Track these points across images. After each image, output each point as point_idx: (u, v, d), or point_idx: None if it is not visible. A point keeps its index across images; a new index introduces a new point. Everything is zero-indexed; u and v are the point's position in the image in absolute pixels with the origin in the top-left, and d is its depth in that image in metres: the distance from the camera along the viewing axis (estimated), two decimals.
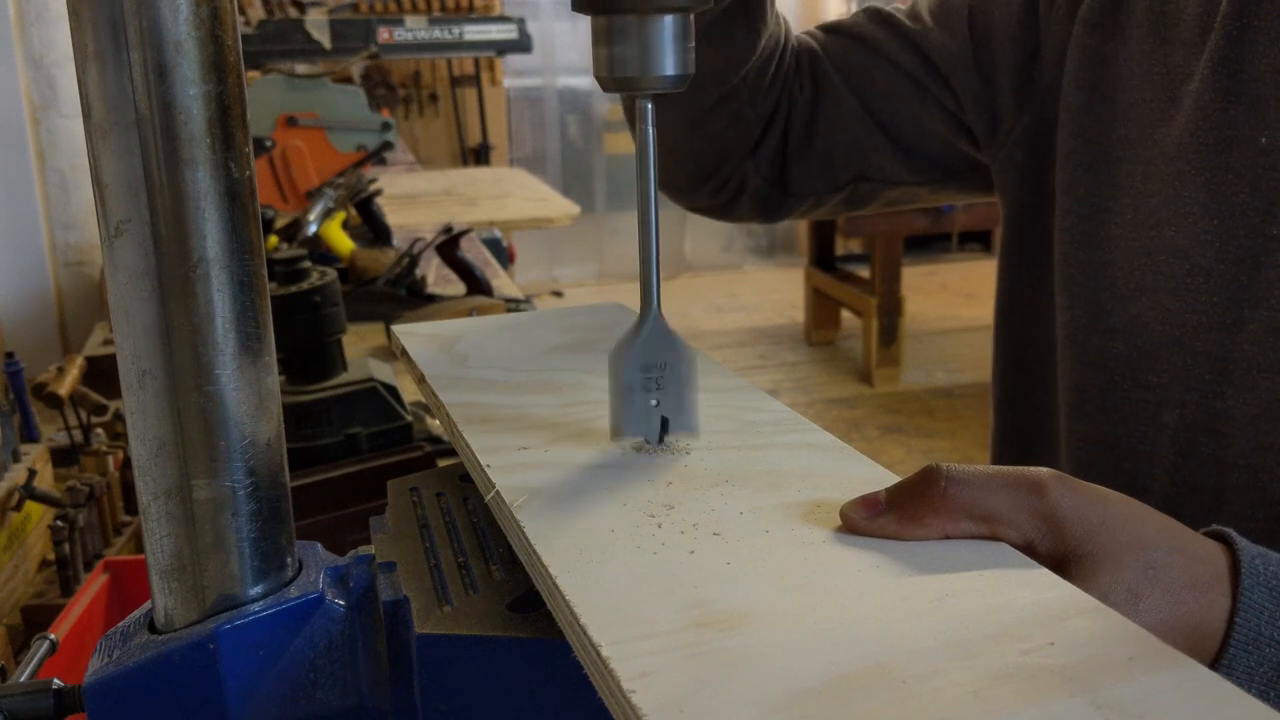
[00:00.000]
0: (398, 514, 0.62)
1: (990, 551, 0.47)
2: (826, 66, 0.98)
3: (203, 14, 0.46)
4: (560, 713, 0.49)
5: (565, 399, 0.66)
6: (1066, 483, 0.49)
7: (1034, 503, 0.48)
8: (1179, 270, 0.77)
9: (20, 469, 1.16)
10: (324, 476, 1.11)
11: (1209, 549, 0.51)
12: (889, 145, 0.97)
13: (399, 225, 2.53)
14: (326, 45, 2.88)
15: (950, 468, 0.49)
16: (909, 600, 0.43)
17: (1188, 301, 0.77)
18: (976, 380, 4.69)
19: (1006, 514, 0.48)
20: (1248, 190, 0.74)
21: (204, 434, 0.49)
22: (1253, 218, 0.74)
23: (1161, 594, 0.48)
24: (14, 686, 0.52)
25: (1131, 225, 0.81)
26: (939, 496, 0.48)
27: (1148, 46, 0.82)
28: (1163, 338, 0.78)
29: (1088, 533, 0.48)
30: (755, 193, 1.01)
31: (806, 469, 0.55)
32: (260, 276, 0.50)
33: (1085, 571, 0.47)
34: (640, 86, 0.54)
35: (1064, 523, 0.48)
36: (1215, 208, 0.76)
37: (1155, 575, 0.48)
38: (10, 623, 1.04)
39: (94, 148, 0.47)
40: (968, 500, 0.48)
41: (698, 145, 0.98)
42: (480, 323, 0.83)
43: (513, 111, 6.29)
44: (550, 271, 6.47)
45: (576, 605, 0.42)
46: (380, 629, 0.52)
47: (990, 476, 0.48)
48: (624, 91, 0.55)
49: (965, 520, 0.48)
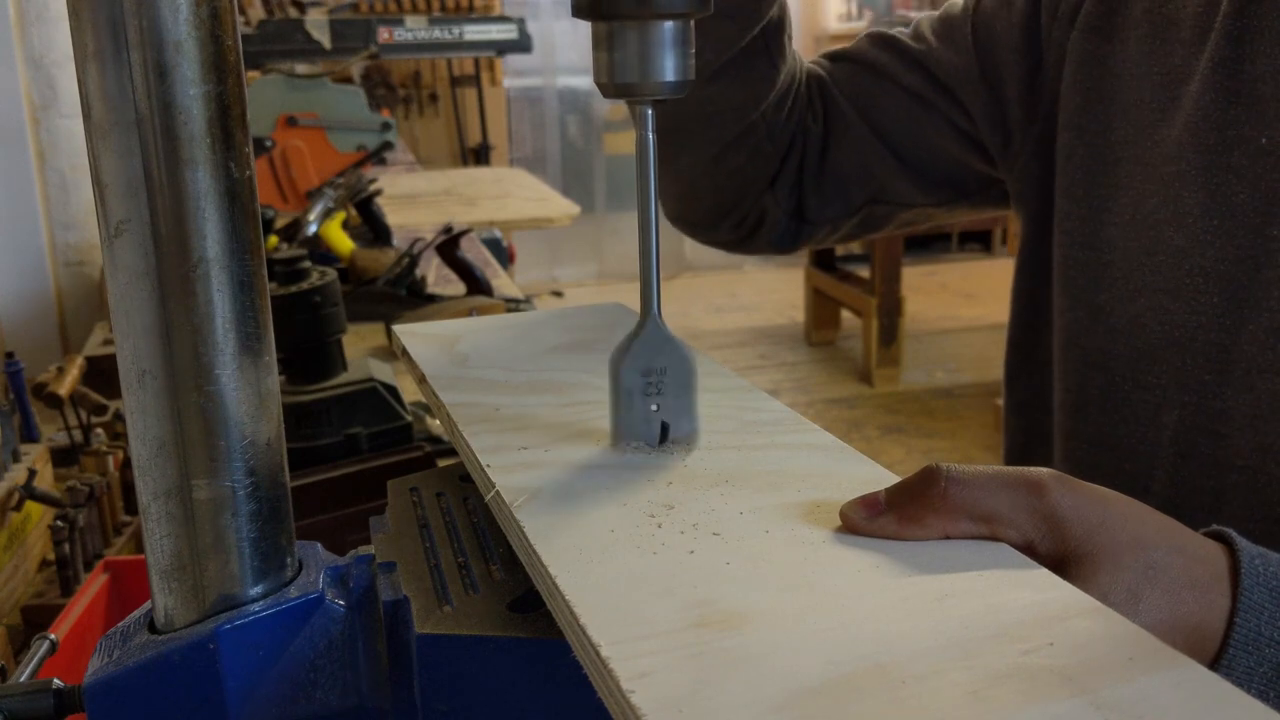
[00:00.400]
0: (398, 514, 0.62)
1: (990, 552, 0.47)
2: (835, 94, 0.98)
3: (203, 14, 0.46)
4: (560, 713, 0.49)
5: (566, 399, 0.66)
6: (1066, 483, 0.49)
7: (1034, 503, 0.48)
8: (1178, 271, 0.77)
9: (20, 469, 1.16)
10: (324, 476, 1.11)
11: (1209, 549, 0.51)
12: (901, 168, 0.97)
13: (399, 225, 2.53)
14: (326, 45, 2.88)
15: (950, 468, 0.49)
16: (908, 601, 0.43)
17: (1187, 302, 0.77)
18: (976, 380, 4.69)
19: (1006, 514, 0.48)
20: (1248, 191, 0.74)
21: (204, 434, 0.49)
22: (1253, 218, 0.74)
23: (1161, 594, 0.48)
24: (14, 686, 0.52)
25: (1130, 226, 0.81)
26: (939, 497, 0.48)
27: (1147, 48, 0.82)
28: (1162, 338, 0.78)
29: (1088, 533, 0.48)
30: (774, 225, 1.01)
31: (806, 469, 0.55)
32: (260, 276, 0.50)
33: (1085, 571, 0.47)
34: (640, 92, 0.54)
35: (1064, 523, 0.48)
36: (1215, 208, 0.76)
37: (1155, 575, 0.48)
38: (10, 623, 1.04)
39: (94, 148, 0.47)
40: (968, 500, 0.48)
41: (718, 181, 0.98)
42: (481, 322, 0.83)
43: (513, 111, 6.29)
44: (550, 271, 6.47)
45: (576, 605, 0.42)
46: (380, 629, 0.52)
47: (990, 477, 0.48)
48: (624, 98, 0.55)
49: (965, 520, 0.48)
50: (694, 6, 0.53)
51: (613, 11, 0.53)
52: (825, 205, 1.00)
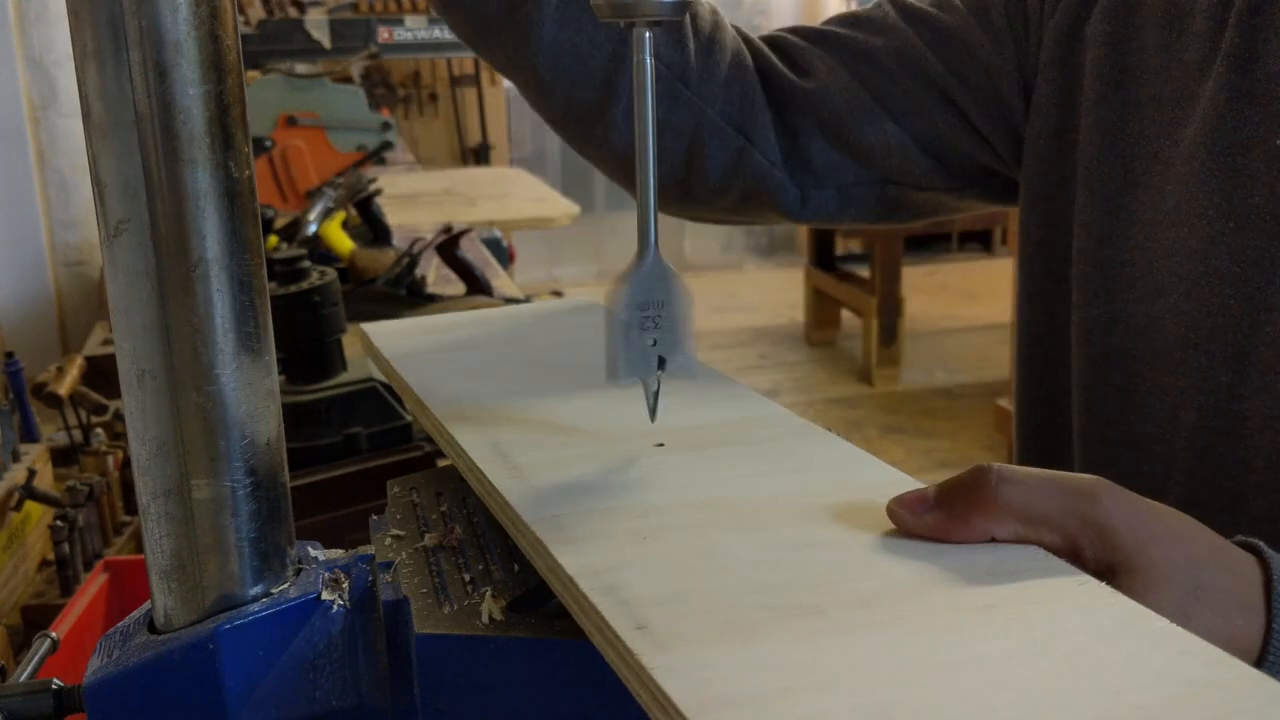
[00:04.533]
0: (398, 514, 0.62)
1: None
2: (809, 52, 0.94)
3: (202, 14, 0.46)
4: (560, 712, 0.49)
5: (551, 398, 0.66)
6: (1119, 494, 0.48)
7: (1085, 510, 0.47)
8: (1194, 272, 0.77)
9: (20, 469, 1.16)
10: (324, 476, 1.11)
11: (1251, 566, 0.50)
12: (913, 145, 0.94)
13: (399, 225, 2.53)
14: (326, 45, 2.88)
15: (1001, 468, 0.47)
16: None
17: (1203, 304, 0.76)
18: (976, 380, 4.69)
19: (1056, 519, 0.47)
20: (1264, 193, 0.74)
21: (204, 434, 0.49)
22: (1268, 221, 0.74)
23: (1212, 614, 0.47)
24: (14, 686, 0.51)
25: (1149, 225, 0.80)
26: (988, 497, 0.46)
27: (1163, 39, 0.80)
28: (1180, 339, 0.77)
29: (1139, 546, 0.47)
30: (771, 179, 0.95)
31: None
32: (260, 276, 0.50)
33: (1135, 585, 0.46)
34: (638, 13, 0.52)
35: (1114, 534, 0.47)
36: (1230, 210, 0.75)
37: (1205, 595, 0.47)
38: (10, 623, 1.04)
39: (93, 148, 0.47)
40: (1017, 502, 0.46)
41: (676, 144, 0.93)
42: (451, 320, 0.83)
43: (512, 111, 6.29)
44: (550, 271, 6.47)
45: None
46: (380, 629, 0.52)
47: (1043, 480, 0.47)
48: (622, 18, 0.53)
49: (1013, 522, 0.46)
50: None
51: None
52: (831, 168, 0.95)
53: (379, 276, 1.98)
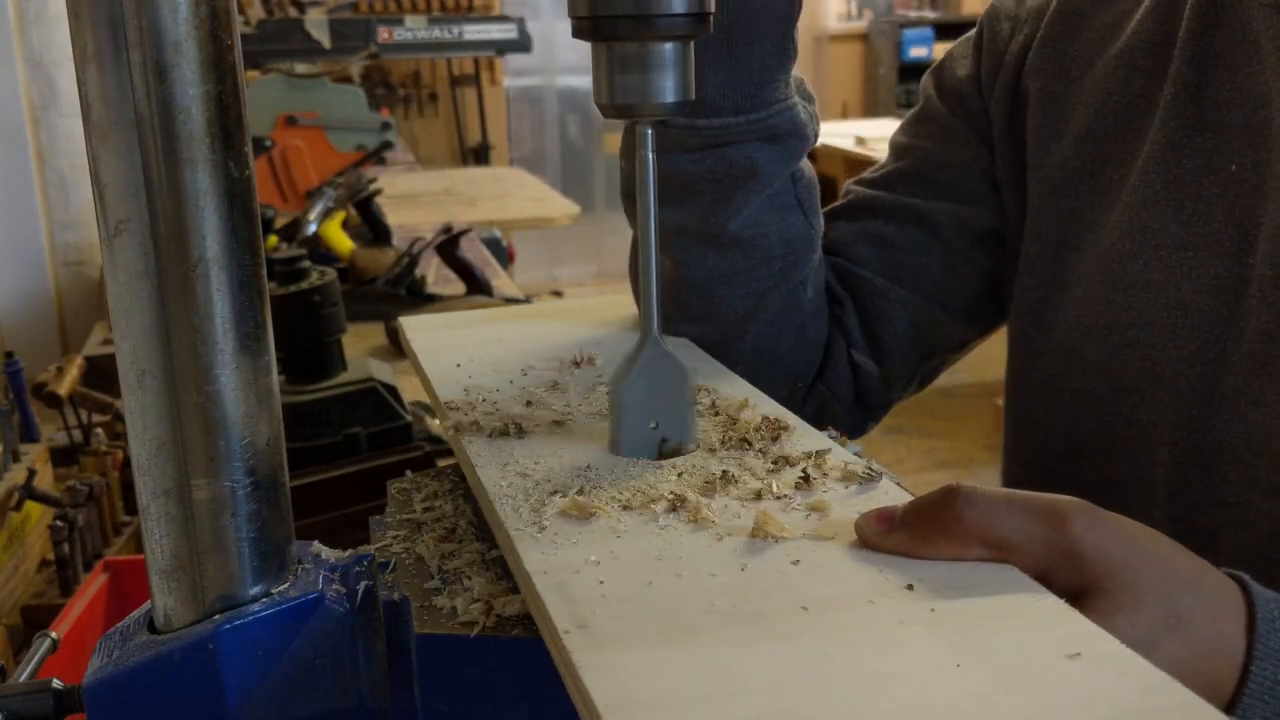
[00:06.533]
0: (398, 514, 0.62)
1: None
2: (864, 275, 0.90)
3: (202, 14, 0.46)
4: (560, 713, 0.49)
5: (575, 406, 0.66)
6: (1091, 515, 0.47)
7: (1053, 535, 0.46)
8: (1155, 305, 0.76)
9: (20, 469, 1.16)
10: (324, 476, 1.11)
11: (1231, 596, 0.49)
12: (948, 315, 0.91)
13: (399, 225, 2.53)
14: (326, 45, 2.87)
15: (968, 490, 0.47)
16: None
17: (1167, 336, 0.75)
18: (976, 380, 4.69)
19: (1022, 544, 0.46)
20: (1221, 219, 0.73)
21: (203, 434, 0.49)
22: (1229, 247, 0.73)
23: (1181, 645, 0.46)
24: (14, 686, 0.52)
25: (1096, 261, 0.79)
26: (952, 520, 0.46)
27: (1102, 78, 0.80)
28: (1145, 374, 0.76)
29: (1109, 571, 0.46)
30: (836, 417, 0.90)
31: None
32: (260, 276, 0.50)
33: (1103, 608, 0.45)
34: (642, 113, 0.55)
35: (1083, 558, 0.46)
36: (1187, 239, 0.74)
37: (1179, 623, 0.46)
38: (10, 623, 1.04)
39: (94, 148, 0.47)
40: (980, 526, 0.46)
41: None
42: (487, 315, 0.84)
43: (512, 111, 6.29)
44: (550, 271, 6.46)
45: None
46: (380, 629, 0.52)
47: (1009, 503, 0.47)
48: (625, 118, 0.56)
49: (977, 546, 0.46)
50: (693, 28, 0.53)
51: (612, 33, 0.53)
52: (890, 387, 0.91)
53: (379, 276, 1.98)
